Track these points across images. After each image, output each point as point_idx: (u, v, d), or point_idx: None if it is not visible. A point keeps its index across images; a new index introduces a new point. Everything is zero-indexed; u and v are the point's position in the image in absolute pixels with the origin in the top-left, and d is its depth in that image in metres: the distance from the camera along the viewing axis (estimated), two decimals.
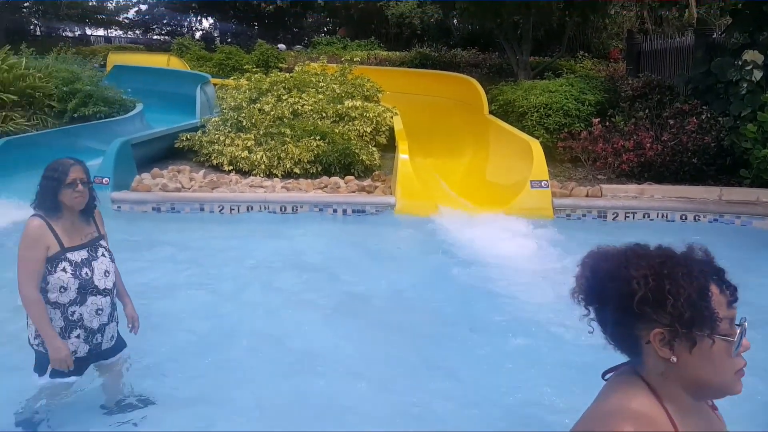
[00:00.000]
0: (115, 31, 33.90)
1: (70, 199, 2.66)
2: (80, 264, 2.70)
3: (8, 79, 10.20)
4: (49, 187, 2.65)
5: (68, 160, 2.71)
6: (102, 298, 2.79)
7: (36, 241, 2.62)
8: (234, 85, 10.99)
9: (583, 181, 8.36)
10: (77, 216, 2.76)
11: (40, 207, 2.68)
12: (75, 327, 2.74)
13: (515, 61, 13.68)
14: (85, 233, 2.79)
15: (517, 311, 4.66)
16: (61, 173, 2.65)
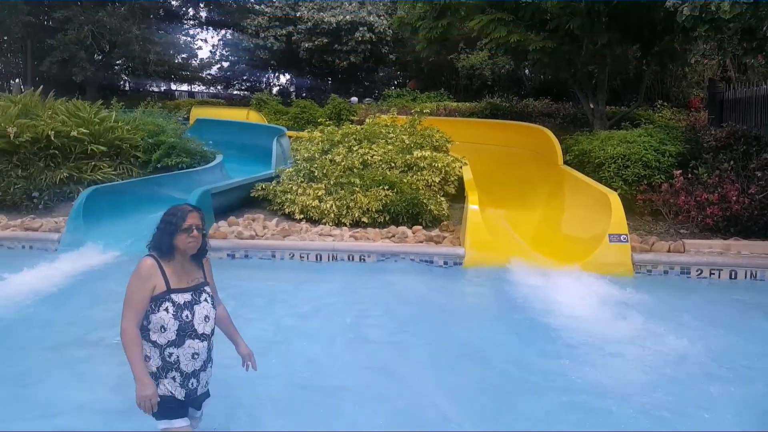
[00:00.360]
0: (198, 87, 36.23)
1: (184, 244, 2.73)
2: (182, 306, 2.74)
3: (99, 131, 10.87)
4: (167, 231, 2.74)
5: (187, 207, 2.82)
6: (199, 342, 2.80)
7: (145, 279, 2.69)
8: (308, 137, 11.34)
9: (664, 236, 8.00)
10: (188, 260, 2.82)
11: (155, 248, 2.77)
12: (171, 369, 2.75)
13: (590, 111, 13.43)
14: (193, 277, 2.84)
15: (593, 374, 4.36)
16: (179, 218, 2.73)
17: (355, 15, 26.10)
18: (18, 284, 6.10)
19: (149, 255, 2.77)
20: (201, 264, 2.93)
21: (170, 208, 2.81)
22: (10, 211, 9.27)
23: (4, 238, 7.92)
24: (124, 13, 25.44)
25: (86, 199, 8.08)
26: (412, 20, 14.13)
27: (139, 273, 2.71)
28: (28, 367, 4.35)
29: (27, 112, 10.71)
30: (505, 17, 11.81)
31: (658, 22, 11.52)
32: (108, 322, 5.17)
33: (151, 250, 2.79)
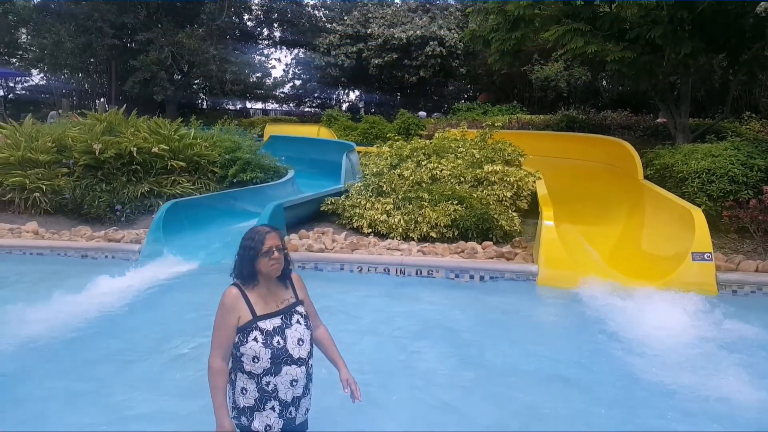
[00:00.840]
0: (272, 104, 37.38)
1: (267, 267, 2.61)
2: (272, 333, 2.59)
3: (178, 148, 11.37)
4: (247, 256, 2.62)
5: (264, 228, 2.69)
6: (297, 368, 2.63)
7: (228, 310, 2.58)
8: (376, 152, 11.38)
9: (752, 255, 7.55)
10: (273, 282, 2.70)
11: (238, 276, 2.66)
12: (270, 398, 2.59)
13: (672, 123, 12.82)
14: (282, 299, 2.71)
15: (673, 398, 4.11)
16: (258, 242, 2.61)
17: (425, 30, 26.21)
18: (100, 293, 6.37)
19: (233, 284, 2.65)
20: (288, 283, 2.79)
21: (247, 233, 2.70)
22: (94, 223, 9.75)
23: (89, 249, 8.33)
24: (202, 35, 26.69)
25: (166, 212, 8.37)
26: (485, 33, 13.99)
27: (222, 305, 2.61)
28: (106, 374, 4.52)
29: (111, 130, 11.31)
30: (581, 27, 11.48)
31: (746, 29, 10.89)
32: (184, 331, 5.35)
33: (234, 278, 2.68)
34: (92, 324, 5.53)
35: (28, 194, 10.14)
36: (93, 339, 5.21)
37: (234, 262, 2.69)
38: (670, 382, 4.36)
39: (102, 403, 4.04)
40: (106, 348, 5.01)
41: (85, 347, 5.02)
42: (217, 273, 7.33)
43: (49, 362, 4.72)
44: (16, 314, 5.66)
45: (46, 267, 7.78)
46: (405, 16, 28.14)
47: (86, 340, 5.17)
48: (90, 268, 7.52)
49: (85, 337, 5.24)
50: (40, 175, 10.36)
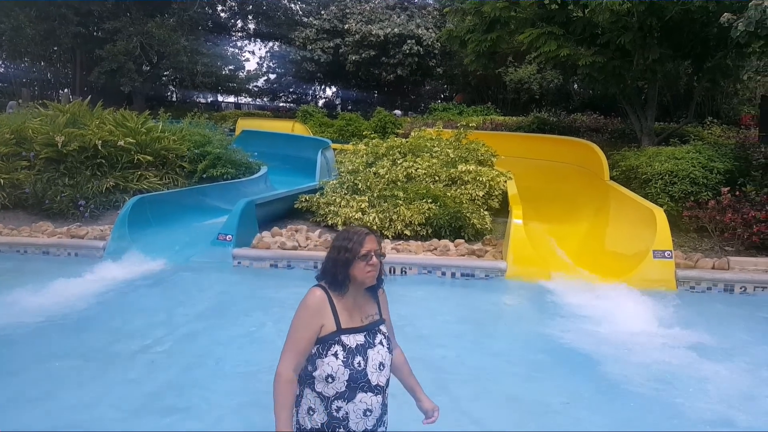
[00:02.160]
0: (245, 98, 36.91)
1: (362, 273, 2.31)
2: (354, 351, 2.26)
3: (146, 141, 11.06)
4: (341, 259, 2.30)
5: (363, 230, 2.38)
6: (373, 396, 2.28)
7: (313, 314, 2.28)
8: (352, 150, 11.40)
9: (709, 253, 7.87)
10: (361, 293, 2.39)
11: (326, 279, 2.35)
12: (339, 425, 2.26)
13: (639, 127, 13.14)
14: (366, 314, 2.38)
15: (635, 389, 4.27)
16: (356, 244, 2.31)
17: (403, 28, 26.24)
18: (62, 292, 6.22)
19: (318, 286, 2.35)
20: (376, 297, 2.47)
21: (342, 232, 2.41)
22: (56, 218, 9.47)
23: (51, 246, 8.14)
24: (173, 25, 26.08)
25: (132, 208, 8.21)
26: (461, 33, 14.11)
27: (306, 306, 2.30)
28: (60, 372, 4.42)
29: (75, 122, 10.96)
30: (555, 31, 11.68)
31: (711, 38, 11.24)
32: (151, 331, 5.30)
33: (320, 280, 2.37)
34: (53, 324, 5.41)
35: None
36: (54, 339, 5.12)
37: (323, 263, 2.38)
38: (632, 372, 4.55)
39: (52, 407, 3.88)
40: (66, 348, 4.90)
41: (43, 347, 4.91)
42: (184, 271, 7.30)
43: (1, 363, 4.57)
44: None
45: (4, 264, 7.58)
46: (383, 13, 28.12)
47: (46, 341, 5.07)
48: (52, 266, 7.37)
49: (45, 338, 5.13)
50: None
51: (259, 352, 4.85)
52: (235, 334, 5.33)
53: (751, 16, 7.66)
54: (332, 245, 2.38)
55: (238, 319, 5.78)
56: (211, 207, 9.71)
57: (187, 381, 4.30)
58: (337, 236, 2.43)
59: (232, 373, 4.46)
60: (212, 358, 4.76)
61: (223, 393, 4.11)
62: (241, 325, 5.57)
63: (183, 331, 5.35)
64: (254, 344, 5.06)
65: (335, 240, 2.40)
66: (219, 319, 5.71)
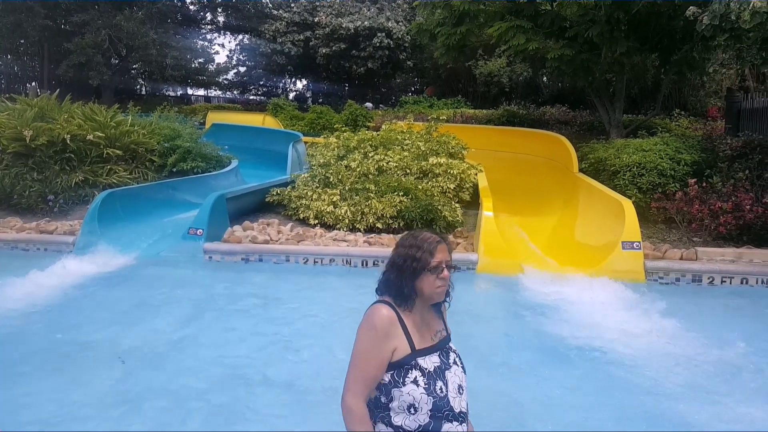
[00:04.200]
0: (215, 91, 36.47)
1: (430, 288, 2.01)
2: (434, 375, 1.96)
3: (115, 135, 10.91)
4: (407, 270, 2.00)
5: (433, 237, 2.07)
6: (458, 425, 1.99)
7: (382, 336, 1.95)
8: (324, 143, 11.36)
9: (677, 244, 8.01)
10: (427, 308, 2.10)
11: (389, 292, 2.05)
12: None
13: (607, 119, 13.35)
14: (434, 330, 2.10)
15: (606, 378, 4.37)
16: (426, 253, 2.01)
17: (373, 21, 26.18)
18: (31, 286, 6.14)
19: (382, 301, 2.05)
20: (440, 310, 2.18)
21: (408, 238, 2.10)
22: (25, 213, 9.33)
23: (19, 241, 8.01)
24: (142, 18, 25.69)
25: (101, 203, 8.11)
26: (431, 26, 14.13)
27: (373, 327, 1.98)
28: (30, 368, 4.35)
29: (43, 116, 10.78)
30: (524, 25, 11.77)
31: (677, 31, 11.43)
32: (115, 326, 5.23)
33: (381, 295, 2.09)
34: (22, 321, 5.33)
35: None
36: (22, 335, 5.03)
37: (384, 273, 2.09)
38: (602, 361, 4.65)
39: (17, 404, 3.83)
40: (34, 345, 4.82)
41: (11, 343, 4.83)
42: (155, 265, 7.22)
43: None
44: None
45: None
46: (353, 6, 27.99)
47: (15, 336, 4.98)
48: (21, 261, 7.25)
49: (13, 333, 5.04)
50: None
51: (231, 346, 4.83)
52: (206, 328, 5.29)
53: (715, 9, 7.81)
54: (396, 252, 2.07)
55: (209, 313, 5.74)
56: (181, 201, 9.59)
57: (157, 376, 4.25)
58: (402, 241, 2.09)
59: (204, 368, 4.42)
60: (183, 352, 4.72)
61: (194, 388, 4.07)
62: (212, 320, 5.53)
63: (153, 326, 5.29)
64: (226, 339, 5.02)
65: (400, 246, 2.07)
66: (190, 314, 5.65)
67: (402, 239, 2.11)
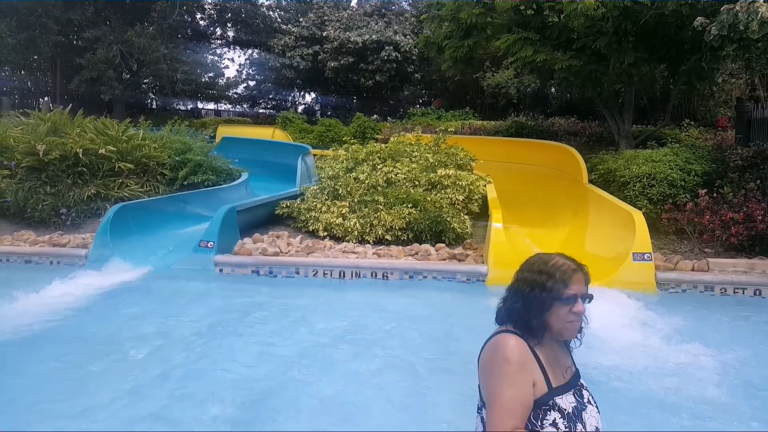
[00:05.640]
0: (225, 105, 36.78)
1: (560, 322, 1.79)
2: (572, 415, 1.76)
3: (126, 149, 11.05)
4: (537, 300, 1.78)
5: (568, 264, 1.85)
6: None
7: (519, 368, 1.72)
8: (332, 156, 11.42)
9: (688, 255, 7.97)
10: (556, 342, 1.89)
11: (514, 323, 1.83)
12: None
13: (616, 130, 13.33)
14: (565, 367, 1.89)
15: (617, 389, 4.33)
16: (559, 282, 1.78)
17: (381, 34, 26.35)
18: (44, 299, 6.19)
19: (508, 331, 1.82)
20: (567, 343, 1.97)
21: (537, 262, 1.87)
22: (38, 227, 9.44)
23: (33, 254, 8.08)
24: (153, 33, 26.03)
25: (113, 216, 8.18)
26: (438, 39, 14.20)
27: (507, 359, 1.72)
28: (44, 381, 4.39)
29: (56, 130, 10.95)
30: (531, 37, 11.82)
31: (685, 42, 11.43)
32: (132, 339, 5.26)
33: (503, 323, 1.87)
34: (35, 333, 5.36)
35: None
36: (35, 348, 5.05)
37: (507, 300, 1.87)
38: (613, 373, 4.60)
39: (32, 416, 3.86)
40: (47, 356, 4.85)
41: (25, 355, 4.87)
42: (166, 278, 7.26)
43: None
44: None
45: None
46: (361, 20, 28.22)
47: (28, 349, 5.02)
48: (34, 275, 7.31)
49: (27, 346, 5.08)
50: None
51: (241, 358, 4.84)
52: (217, 340, 5.30)
53: (723, 20, 7.82)
54: (523, 277, 1.84)
55: (220, 325, 5.75)
56: (192, 214, 9.67)
57: (167, 389, 4.26)
58: (529, 266, 1.86)
59: (215, 378, 4.43)
60: (195, 364, 4.73)
61: (205, 399, 4.08)
62: (223, 332, 5.54)
63: (165, 338, 5.31)
64: (237, 351, 5.04)
65: (527, 271, 1.85)
66: (201, 326, 5.67)
67: (530, 263, 1.87)
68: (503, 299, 1.88)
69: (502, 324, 1.86)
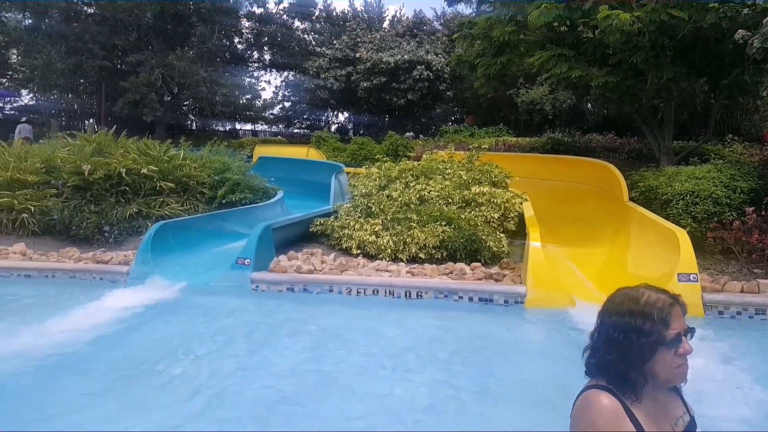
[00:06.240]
0: (261, 126, 37.55)
1: (667, 370, 1.53)
2: None
3: (168, 169, 11.37)
4: (633, 348, 1.52)
5: (663, 297, 1.60)
6: None
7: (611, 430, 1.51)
8: (365, 174, 11.45)
9: (737, 275, 7.62)
10: (661, 390, 1.62)
11: (607, 377, 1.58)
12: None
13: (656, 146, 13.05)
14: (674, 417, 1.64)
15: None
16: (658, 323, 1.53)
17: (413, 54, 26.57)
18: (88, 315, 6.31)
19: (600, 387, 1.57)
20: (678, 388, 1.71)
21: (625, 302, 1.61)
22: (82, 244, 9.68)
23: (77, 270, 8.27)
24: (193, 57, 26.86)
25: (155, 234, 8.34)
26: (471, 58, 14.21)
27: (591, 422, 1.51)
28: (88, 396, 4.44)
29: (101, 151, 11.29)
30: (565, 53, 11.71)
31: (726, 55, 11.17)
32: (173, 354, 5.32)
33: (593, 377, 1.63)
34: (80, 348, 5.45)
35: (16, 215, 10.04)
36: (80, 363, 5.14)
37: (597, 351, 1.62)
38: None
39: (73, 424, 3.93)
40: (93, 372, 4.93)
41: (71, 371, 4.95)
42: (204, 294, 7.35)
43: (31, 389, 4.59)
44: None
45: (33, 289, 7.70)
46: (393, 41, 28.53)
47: (73, 364, 5.10)
48: (78, 290, 7.45)
49: (72, 361, 5.17)
50: (29, 195, 10.27)
51: (278, 375, 4.83)
52: (255, 356, 5.33)
53: (765, 32, 7.62)
54: (612, 322, 1.58)
55: (257, 342, 5.77)
56: (230, 232, 9.81)
57: (208, 404, 4.28)
58: (616, 305, 1.60)
59: (252, 396, 4.43)
60: (233, 380, 4.75)
61: (240, 414, 4.08)
62: (260, 348, 5.56)
63: (203, 354, 5.35)
64: (273, 367, 5.04)
65: (616, 312, 1.58)
66: (237, 342, 5.70)
67: (616, 303, 1.60)
68: (591, 350, 1.63)
69: (593, 377, 1.61)
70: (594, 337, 1.64)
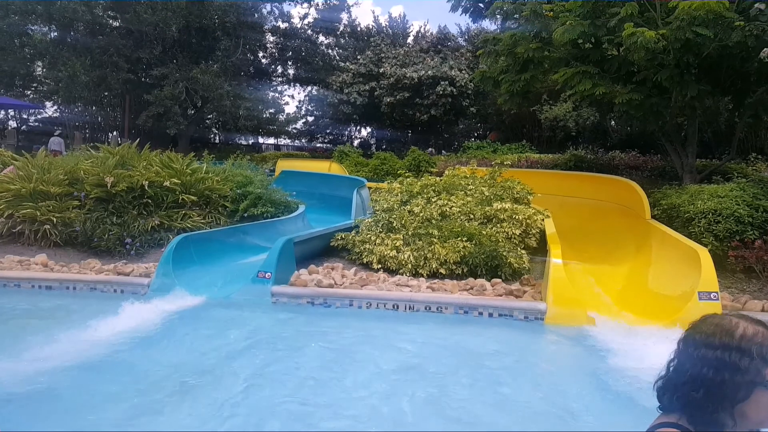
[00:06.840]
0: (284, 140, 37.90)
1: (761, 412, 1.34)
2: None
3: (190, 182, 11.45)
4: (727, 387, 1.34)
5: (761, 330, 1.38)
6: None
7: None
8: (387, 189, 11.51)
9: (758, 294, 7.59)
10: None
11: (687, 414, 1.42)
12: None
13: (680, 164, 12.92)
14: None
15: None
16: (758, 359, 1.32)
17: (436, 70, 26.70)
18: (109, 327, 6.34)
19: (677, 426, 1.42)
20: None
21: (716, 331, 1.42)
22: (104, 255, 9.79)
23: (98, 282, 8.36)
24: (217, 71, 27.22)
25: (176, 246, 8.41)
26: (494, 74, 14.25)
27: None
28: (112, 412, 4.46)
29: (124, 163, 11.43)
30: (590, 70, 11.70)
31: (751, 73, 11.08)
32: (195, 365, 5.39)
33: (669, 411, 1.48)
34: (101, 359, 5.52)
35: (39, 226, 10.15)
36: (101, 374, 5.22)
37: (677, 386, 1.45)
38: None
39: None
40: (115, 384, 4.98)
41: (92, 383, 5.02)
42: (225, 307, 7.42)
43: (51, 400, 4.64)
44: (22, 348, 5.60)
45: (55, 300, 7.79)
46: (417, 57, 28.72)
47: (94, 376, 5.18)
48: (99, 302, 7.56)
49: (93, 373, 5.24)
50: (51, 207, 10.38)
51: (299, 388, 4.87)
52: (275, 369, 5.36)
53: None
54: (701, 355, 1.39)
55: (276, 355, 5.82)
56: (251, 245, 9.87)
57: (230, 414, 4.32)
58: (707, 336, 1.41)
59: (270, 407, 4.47)
60: (252, 392, 4.79)
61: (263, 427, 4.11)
62: (279, 361, 5.60)
63: (222, 366, 5.41)
64: (295, 380, 5.07)
65: (707, 345, 1.39)
66: (259, 355, 5.75)
67: (706, 334, 1.41)
68: (668, 382, 1.46)
69: (668, 412, 1.44)
70: (672, 368, 1.47)
